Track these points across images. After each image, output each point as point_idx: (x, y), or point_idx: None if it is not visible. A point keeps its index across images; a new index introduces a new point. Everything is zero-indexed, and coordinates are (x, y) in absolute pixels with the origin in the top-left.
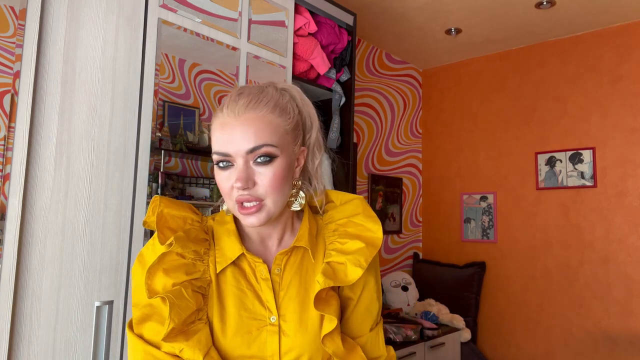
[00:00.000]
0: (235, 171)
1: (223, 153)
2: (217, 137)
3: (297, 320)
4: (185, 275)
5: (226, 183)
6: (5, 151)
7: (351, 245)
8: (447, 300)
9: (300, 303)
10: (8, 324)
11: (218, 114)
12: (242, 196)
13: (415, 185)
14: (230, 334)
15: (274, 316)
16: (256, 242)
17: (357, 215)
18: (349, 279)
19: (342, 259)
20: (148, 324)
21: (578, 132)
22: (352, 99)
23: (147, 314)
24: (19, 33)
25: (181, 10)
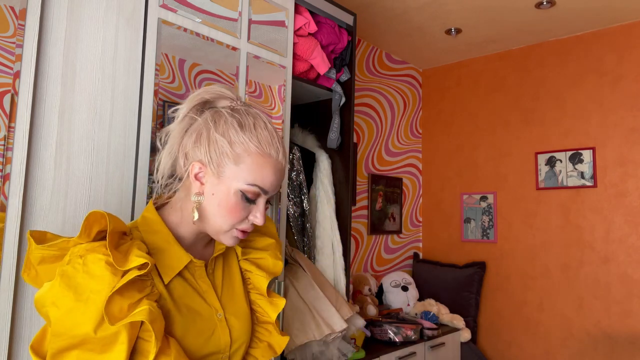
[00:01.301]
0: (257, 207)
1: (265, 190)
2: (265, 175)
3: (235, 313)
4: (138, 293)
5: (243, 213)
6: (5, 151)
7: (261, 242)
8: (447, 300)
9: (232, 297)
10: (8, 324)
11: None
12: (249, 227)
13: (415, 185)
14: (192, 337)
15: (220, 312)
16: (190, 247)
17: None
18: (276, 270)
19: (261, 255)
20: (74, 352)
21: (578, 132)
22: (352, 99)
23: (73, 343)
24: (19, 33)
25: (181, 10)
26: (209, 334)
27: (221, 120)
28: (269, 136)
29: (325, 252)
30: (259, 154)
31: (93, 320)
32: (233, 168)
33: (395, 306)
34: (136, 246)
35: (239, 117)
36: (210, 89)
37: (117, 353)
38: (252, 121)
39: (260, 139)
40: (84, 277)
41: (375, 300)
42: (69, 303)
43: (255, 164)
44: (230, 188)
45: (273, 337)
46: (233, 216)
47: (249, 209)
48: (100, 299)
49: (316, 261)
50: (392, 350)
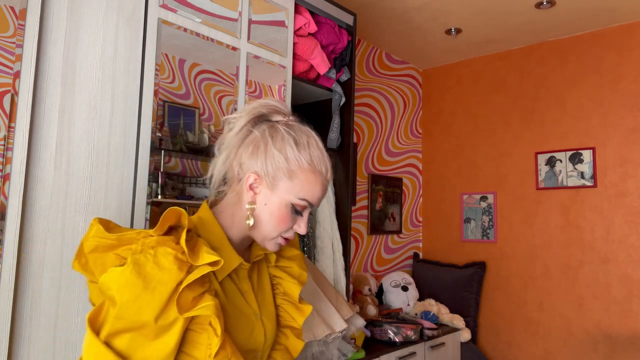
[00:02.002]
0: (302, 218)
1: (312, 204)
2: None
3: (267, 315)
4: (200, 287)
5: (290, 222)
6: (5, 151)
7: (288, 252)
8: (447, 300)
9: (264, 300)
10: (8, 324)
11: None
12: (292, 235)
13: (415, 185)
14: (238, 333)
15: (257, 313)
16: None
17: None
18: (302, 279)
19: (288, 263)
20: (127, 335)
21: (578, 132)
22: (352, 99)
23: (131, 327)
24: (19, 33)
25: (181, 10)
26: (249, 332)
27: (278, 136)
28: (320, 154)
29: (326, 252)
30: (311, 171)
31: (156, 310)
32: (287, 182)
33: (395, 306)
34: (204, 244)
35: (294, 134)
36: (266, 103)
37: (168, 342)
38: (305, 139)
39: (313, 157)
40: (153, 268)
41: (375, 300)
42: (137, 290)
43: (307, 180)
44: (283, 200)
45: (290, 340)
46: (282, 225)
47: (295, 219)
48: (166, 290)
49: (316, 261)
50: (392, 350)
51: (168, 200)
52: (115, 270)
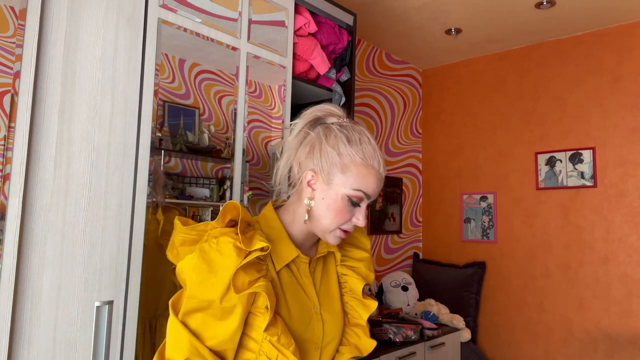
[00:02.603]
0: (359, 210)
1: (368, 196)
2: (369, 183)
3: (329, 310)
4: (257, 273)
5: (348, 215)
6: (5, 151)
7: (357, 254)
8: (447, 300)
9: (328, 297)
10: (8, 324)
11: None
12: (350, 228)
13: (415, 185)
14: (294, 321)
15: (316, 306)
16: (299, 245)
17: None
18: (369, 280)
19: (356, 264)
20: (198, 315)
21: (578, 132)
22: (352, 99)
23: (201, 307)
24: (19, 33)
25: (181, 10)
26: (307, 322)
27: (331, 134)
28: (372, 150)
29: None
30: (363, 165)
31: (220, 291)
32: (341, 176)
33: (395, 306)
34: (259, 234)
35: (347, 132)
36: (321, 107)
37: (232, 321)
38: (357, 136)
39: (365, 152)
40: (216, 254)
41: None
42: (203, 273)
43: (359, 173)
44: (339, 193)
45: (361, 340)
46: (339, 217)
47: (353, 212)
48: (227, 274)
49: None
50: (392, 350)
51: (168, 200)
52: (187, 258)
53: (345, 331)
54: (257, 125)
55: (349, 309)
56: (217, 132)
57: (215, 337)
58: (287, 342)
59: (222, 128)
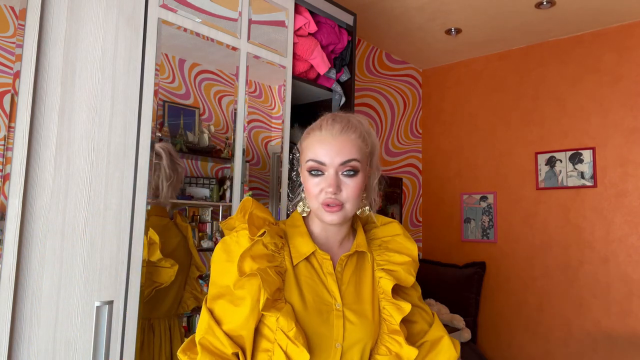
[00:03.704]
0: (326, 179)
1: (320, 161)
2: (316, 149)
3: (356, 310)
4: (267, 262)
5: (316, 187)
6: (5, 151)
7: (398, 258)
8: (447, 300)
9: (357, 297)
10: (8, 324)
11: (315, 132)
12: (329, 199)
13: (415, 185)
14: (308, 314)
15: (338, 304)
16: (322, 243)
17: (399, 235)
18: (406, 282)
19: (395, 268)
20: (220, 301)
21: (578, 132)
22: (352, 99)
23: (221, 293)
24: (19, 33)
25: (181, 10)
26: (325, 316)
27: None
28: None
29: None
30: (308, 136)
31: (234, 277)
32: (301, 158)
33: None
34: (266, 226)
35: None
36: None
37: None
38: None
39: (312, 128)
40: (235, 245)
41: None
42: (223, 262)
43: (308, 144)
44: (304, 172)
45: (403, 349)
46: (310, 193)
47: (320, 184)
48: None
49: None
50: None
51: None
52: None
53: (385, 339)
54: (257, 125)
55: (385, 315)
56: (217, 132)
57: (231, 322)
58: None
59: (222, 128)
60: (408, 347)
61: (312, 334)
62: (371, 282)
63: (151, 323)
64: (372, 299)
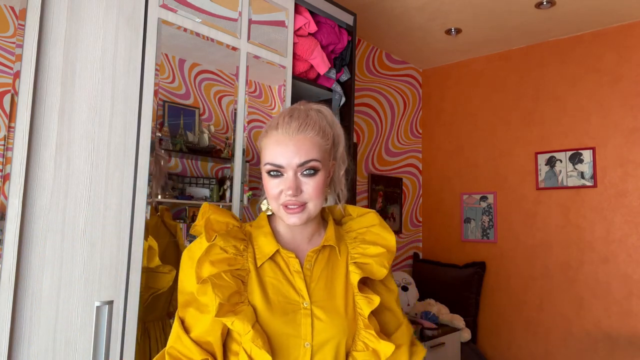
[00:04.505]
0: (285, 180)
1: (277, 165)
2: (272, 150)
3: (325, 307)
4: (227, 266)
5: (275, 189)
6: (5, 151)
7: (373, 250)
8: (447, 300)
9: (328, 294)
10: (8, 324)
11: (272, 132)
12: (289, 201)
13: (415, 185)
14: (272, 315)
15: (306, 302)
16: (289, 241)
17: (375, 226)
18: (377, 275)
19: (368, 260)
20: (189, 309)
21: (578, 132)
22: (352, 99)
23: (188, 300)
24: (19, 33)
25: (181, 10)
26: (291, 315)
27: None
28: (277, 120)
29: None
30: (266, 137)
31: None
32: (261, 159)
33: None
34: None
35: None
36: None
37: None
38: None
39: (270, 126)
40: (198, 249)
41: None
42: (188, 268)
43: (265, 146)
44: (263, 174)
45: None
46: (270, 194)
47: (278, 185)
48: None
49: None
50: None
51: (168, 200)
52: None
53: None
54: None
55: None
56: (217, 132)
57: (198, 328)
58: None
59: (222, 128)
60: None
61: (277, 335)
62: (345, 277)
63: (146, 327)
64: (346, 295)
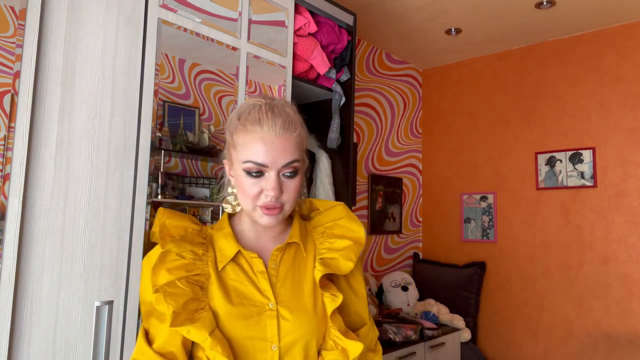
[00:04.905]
0: (266, 181)
1: (261, 164)
2: (256, 148)
3: (292, 307)
4: (185, 272)
5: (254, 189)
6: (5, 151)
7: (340, 244)
8: (447, 300)
9: (295, 293)
10: (8, 324)
11: (254, 127)
12: (270, 203)
13: (415, 185)
14: (234, 319)
15: (271, 303)
16: (252, 241)
17: (342, 218)
18: (343, 270)
19: (334, 255)
20: (151, 319)
21: (578, 132)
22: (352, 99)
23: (149, 310)
24: (19, 33)
25: (181, 10)
26: (256, 318)
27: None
28: (258, 114)
29: None
30: (246, 133)
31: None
32: (235, 153)
33: (395, 306)
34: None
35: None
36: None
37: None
38: (250, 109)
39: (248, 120)
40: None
41: (375, 300)
42: (146, 277)
43: (244, 143)
44: (238, 171)
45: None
46: (247, 194)
47: (259, 184)
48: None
49: None
50: (392, 350)
51: (168, 200)
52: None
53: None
54: None
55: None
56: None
57: (159, 338)
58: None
59: (222, 128)
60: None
61: (241, 339)
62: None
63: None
64: (315, 292)
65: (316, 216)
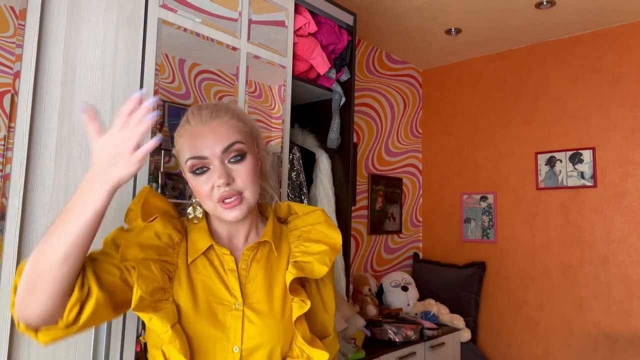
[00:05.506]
0: (213, 172)
1: (199, 157)
2: (190, 145)
3: (262, 310)
4: (156, 255)
5: (205, 186)
6: (5, 151)
7: (316, 248)
8: (447, 300)
9: (265, 295)
10: (8, 324)
11: (185, 126)
12: (224, 193)
13: (415, 185)
14: (198, 314)
15: (238, 302)
16: (224, 239)
17: (320, 223)
18: (316, 273)
19: (309, 258)
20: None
21: (578, 132)
22: (352, 99)
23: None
24: (19, 33)
25: (181, 10)
26: (220, 317)
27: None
28: (186, 116)
29: None
30: (180, 136)
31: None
32: (180, 161)
33: (395, 306)
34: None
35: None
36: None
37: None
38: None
39: (180, 125)
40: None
41: (375, 300)
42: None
43: (183, 142)
44: (187, 175)
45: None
46: (201, 194)
47: (208, 180)
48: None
49: None
50: (392, 350)
51: None
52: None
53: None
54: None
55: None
56: None
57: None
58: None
59: None
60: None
61: (202, 337)
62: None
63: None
64: (284, 297)
65: (294, 220)
